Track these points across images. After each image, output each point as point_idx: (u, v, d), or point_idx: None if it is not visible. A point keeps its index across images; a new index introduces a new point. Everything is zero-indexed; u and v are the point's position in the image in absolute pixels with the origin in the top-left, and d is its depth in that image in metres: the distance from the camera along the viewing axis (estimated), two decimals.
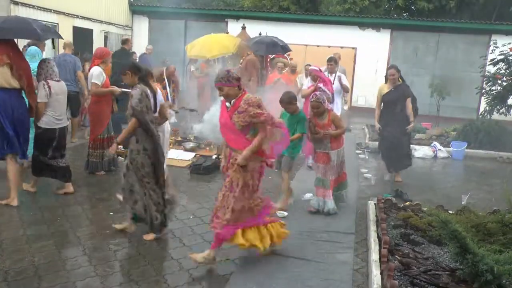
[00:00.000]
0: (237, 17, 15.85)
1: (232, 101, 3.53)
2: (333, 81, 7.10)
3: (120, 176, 4.34)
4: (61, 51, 9.04)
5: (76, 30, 13.62)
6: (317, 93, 4.98)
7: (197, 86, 10.50)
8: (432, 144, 8.94)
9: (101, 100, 5.78)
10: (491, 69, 10.53)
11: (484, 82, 10.55)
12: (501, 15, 20.10)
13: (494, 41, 10.10)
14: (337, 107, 7.16)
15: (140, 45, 16.96)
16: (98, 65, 5.75)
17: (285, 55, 10.72)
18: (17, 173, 4.72)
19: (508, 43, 10.04)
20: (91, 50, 12.19)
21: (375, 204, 4.98)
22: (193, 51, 10.22)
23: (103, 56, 5.81)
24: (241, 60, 7.32)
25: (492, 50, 9.96)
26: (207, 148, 7.49)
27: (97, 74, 5.66)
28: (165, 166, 4.31)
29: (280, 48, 10.01)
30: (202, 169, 6.25)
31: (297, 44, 14.10)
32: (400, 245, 3.87)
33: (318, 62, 11.12)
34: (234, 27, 14.99)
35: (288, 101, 4.86)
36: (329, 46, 15.02)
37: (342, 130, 4.94)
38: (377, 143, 9.18)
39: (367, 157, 8.14)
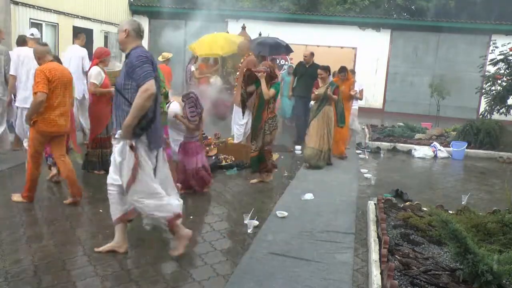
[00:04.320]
0: (237, 17, 15.85)
1: None
2: None
3: None
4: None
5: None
6: None
7: (198, 86, 10.47)
8: (432, 144, 8.94)
9: (101, 100, 5.78)
10: (491, 69, 10.53)
11: (484, 82, 10.56)
12: (501, 15, 20.11)
13: (494, 41, 10.10)
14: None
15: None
16: (96, 64, 5.75)
17: (287, 56, 10.73)
18: None
19: (508, 43, 10.04)
20: (91, 50, 12.19)
21: (375, 204, 4.98)
22: (202, 50, 10.01)
23: (101, 56, 5.81)
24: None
25: (492, 50, 9.95)
26: (208, 148, 7.49)
27: (95, 74, 5.66)
28: None
29: (283, 49, 10.01)
30: None
31: (297, 44, 14.11)
32: (400, 245, 3.87)
33: (318, 61, 11.12)
34: (234, 27, 14.99)
35: None
36: (329, 46, 15.04)
37: None
38: (377, 143, 9.22)
39: (367, 157, 8.14)
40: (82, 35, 8.01)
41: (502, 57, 9.70)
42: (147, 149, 3.42)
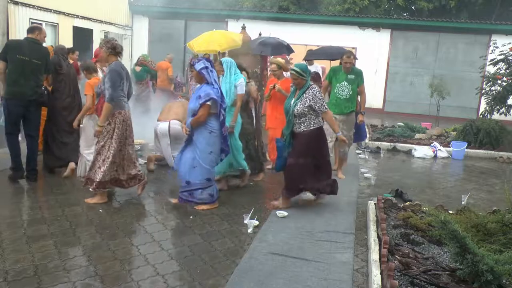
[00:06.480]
0: (237, 17, 15.86)
1: None
2: None
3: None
4: None
5: (76, 30, 13.62)
6: None
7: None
8: (432, 144, 8.94)
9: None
10: (491, 69, 10.54)
11: (484, 83, 10.56)
12: (501, 15, 20.13)
13: (494, 41, 10.11)
14: None
15: (140, 45, 16.99)
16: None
17: (287, 56, 10.69)
18: None
19: (508, 43, 10.05)
20: (91, 50, 12.21)
21: (375, 204, 4.98)
22: (199, 46, 9.92)
23: (98, 55, 5.85)
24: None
25: (492, 50, 9.96)
26: None
27: None
28: None
29: (285, 49, 9.99)
30: None
31: (297, 44, 14.11)
32: (400, 245, 3.87)
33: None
34: (234, 27, 15.01)
35: None
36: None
37: None
38: (377, 143, 9.21)
39: (367, 157, 8.14)
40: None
41: (502, 57, 9.70)
42: None
